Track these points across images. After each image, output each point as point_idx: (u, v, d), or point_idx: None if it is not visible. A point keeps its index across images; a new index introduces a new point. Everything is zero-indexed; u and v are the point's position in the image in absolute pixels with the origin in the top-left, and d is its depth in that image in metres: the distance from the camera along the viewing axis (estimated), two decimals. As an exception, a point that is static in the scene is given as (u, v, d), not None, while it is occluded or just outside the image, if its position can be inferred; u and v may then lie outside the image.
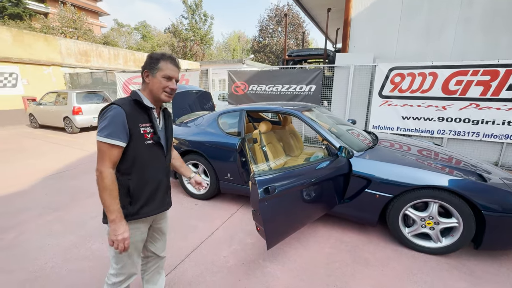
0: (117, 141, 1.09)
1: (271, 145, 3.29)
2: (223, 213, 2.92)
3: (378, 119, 5.35)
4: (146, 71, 1.18)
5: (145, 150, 1.19)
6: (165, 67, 1.17)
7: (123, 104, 1.13)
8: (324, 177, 2.13)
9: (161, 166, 1.29)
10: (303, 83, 5.89)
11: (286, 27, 7.44)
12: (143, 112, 1.19)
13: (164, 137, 1.31)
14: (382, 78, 5.13)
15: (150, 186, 1.24)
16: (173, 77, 1.20)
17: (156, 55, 1.18)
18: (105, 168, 1.08)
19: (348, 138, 2.66)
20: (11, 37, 8.90)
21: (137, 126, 1.15)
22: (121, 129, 1.09)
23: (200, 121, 3.29)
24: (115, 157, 1.10)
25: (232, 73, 6.73)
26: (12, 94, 9.01)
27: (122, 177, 1.16)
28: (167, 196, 1.38)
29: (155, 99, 1.22)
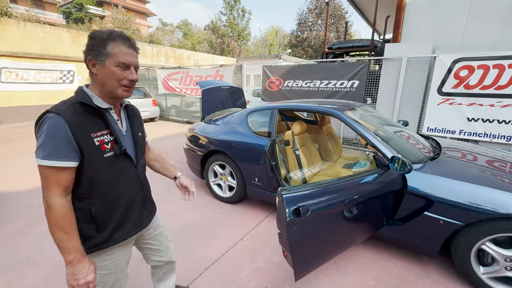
0: (62, 162, 0.82)
1: (305, 148, 2.92)
2: (249, 220, 2.67)
3: (435, 121, 4.55)
4: (91, 59, 0.88)
5: (105, 166, 0.93)
6: (117, 50, 0.88)
7: (63, 110, 0.85)
8: (371, 194, 1.73)
9: (131, 180, 1.04)
10: (345, 78, 5.31)
11: (328, 17, 6.83)
12: (94, 116, 0.91)
13: (131, 143, 1.05)
14: (443, 71, 4.31)
15: (119, 207, 1.00)
16: (130, 64, 0.91)
17: (100, 35, 0.87)
18: (53, 197, 0.83)
19: (402, 145, 2.18)
20: (70, 38, 9.88)
21: (89, 137, 0.88)
22: (65, 145, 0.83)
23: (229, 119, 3.07)
24: (64, 182, 0.85)
25: (267, 68, 6.42)
26: (70, 89, 10.03)
27: (81, 203, 0.92)
28: (145, 210, 1.14)
29: (110, 95, 0.94)
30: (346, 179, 1.64)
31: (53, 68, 9.43)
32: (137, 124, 1.12)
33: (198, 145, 3.17)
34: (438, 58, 4.31)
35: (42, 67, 9.13)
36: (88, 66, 0.90)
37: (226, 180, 2.99)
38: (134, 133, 1.08)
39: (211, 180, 3.13)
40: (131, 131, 1.07)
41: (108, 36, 0.87)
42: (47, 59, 9.21)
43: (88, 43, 0.88)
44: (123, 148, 0.97)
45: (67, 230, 0.84)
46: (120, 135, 0.99)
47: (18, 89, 8.73)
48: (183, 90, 8.52)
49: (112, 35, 0.88)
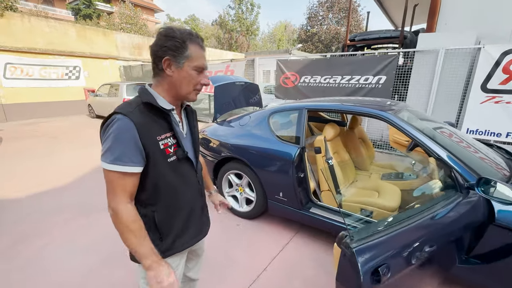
0: (129, 167, 0.78)
1: (338, 156, 2.46)
2: (272, 243, 2.24)
3: (476, 121, 4.00)
4: (169, 60, 0.82)
5: (169, 171, 0.88)
6: (197, 54, 0.84)
7: (130, 111, 0.79)
8: (449, 229, 1.26)
9: (193, 186, 0.99)
10: (370, 73, 4.77)
11: (351, 3, 6.21)
12: (159, 117, 0.85)
13: (191, 146, 1.00)
14: (490, 65, 3.75)
15: (182, 214, 0.96)
16: (205, 67, 0.89)
17: (181, 35, 0.81)
18: (120, 204, 0.79)
19: (473, 160, 1.68)
20: (75, 33, 9.59)
21: (154, 140, 0.82)
22: (133, 149, 0.78)
23: (247, 120, 2.63)
24: (130, 188, 0.81)
25: (281, 62, 5.93)
26: (76, 86, 9.78)
27: (145, 209, 0.88)
28: (204, 218, 1.11)
29: (179, 98, 0.90)
30: (419, 213, 1.18)
31: (59, 63, 9.17)
32: (194, 124, 1.05)
33: (210, 150, 2.75)
34: (483, 49, 3.75)
35: (47, 62, 8.87)
36: (160, 66, 0.83)
37: (243, 191, 2.57)
38: (194, 135, 1.02)
39: (225, 191, 2.71)
40: (191, 133, 1.01)
41: (189, 37, 0.82)
42: (52, 54, 8.94)
43: (166, 42, 0.81)
44: (185, 151, 0.91)
45: (138, 235, 0.80)
46: (182, 137, 0.93)
47: (23, 85, 8.50)
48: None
49: (192, 37, 0.83)
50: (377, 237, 0.93)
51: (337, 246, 0.95)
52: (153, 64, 0.85)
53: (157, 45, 0.82)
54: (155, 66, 0.84)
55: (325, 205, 2.18)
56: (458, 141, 1.86)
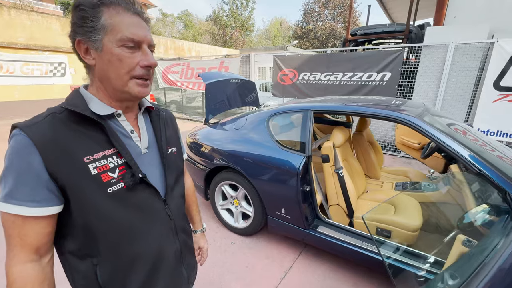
0: (28, 208, 0.50)
1: (346, 164, 2.15)
2: (273, 266, 1.92)
3: (488, 121, 3.74)
4: (80, 41, 0.55)
5: (111, 206, 0.57)
6: (121, 20, 0.54)
7: (34, 123, 0.53)
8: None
9: (160, 223, 0.67)
10: (373, 70, 4.47)
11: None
12: (91, 129, 0.57)
13: (157, 164, 0.69)
14: (504, 61, 3.48)
15: (141, 266, 0.63)
16: (141, 40, 0.57)
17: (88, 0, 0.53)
18: (13, 263, 0.51)
19: None
20: (59, 26, 9.06)
21: (78, 164, 0.54)
22: (33, 181, 0.50)
23: (242, 123, 2.29)
24: (34, 238, 0.52)
25: (279, 58, 5.59)
26: (61, 83, 9.28)
27: (82, 263, 0.58)
28: (184, 265, 0.76)
29: (119, 96, 0.60)
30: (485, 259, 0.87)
31: (42, 60, 8.66)
32: (168, 135, 0.75)
33: (201, 157, 2.41)
34: (497, 44, 3.47)
35: (30, 58, 8.36)
36: (79, 54, 0.57)
37: (239, 205, 2.24)
38: (162, 149, 0.71)
39: (218, 203, 2.38)
40: (157, 146, 0.71)
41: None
42: (34, 49, 8.42)
43: (73, 17, 0.55)
44: (138, 174, 0.61)
45: None
46: (136, 154, 0.64)
47: (3, 83, 7.99)
48: (184, 84, 7.72)
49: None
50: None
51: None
52: (74, 52, 0.58)
53: (70, 26, 0.56)
54: (78, 58, 0.58)
55: (335, 223, 1.87)
56: (494, 151, 1.56)
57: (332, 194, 1.93)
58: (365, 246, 1.68)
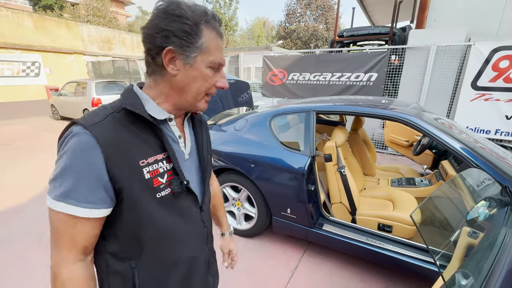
0: (83, 209, 0.50)
1: (347, 163, 2.21)
2: (279, 267, 1.94)
3: (467, 118, 4.00)
4: (173, 51, 0.53)
5: (158, 211, 0.57)
6: (215, 44, 0.56)
7: (96, 122, 0.51)
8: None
9: (197, 230, 0.67)
10: (361, 71, 4.63)
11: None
12: (145, 132, 0.56)
13: (197, 172, 0.69)
14: (480, 62, 3.74)
15: (178, 272, 0.64)
16: (224, 63, 0.60)
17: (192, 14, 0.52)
18: (62, 262, 0.51)
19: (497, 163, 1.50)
20: (32, 23, 8.48)
21: (134, 167, 0.53)
22: (93, 182, 0.50)
23: (242, 124, 2.28)
24: (83, 238, 0.52)
25: (268, 59, 5.61)
26: (35, 84, 8.70)
27: (121, 265, 0.58)
28: (211, 273, 0.76)
29: (182, 106, 0.61)
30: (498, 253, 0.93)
31: (13, 58, 8.06)
32: (203, 139, 0.73)
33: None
34: (473, 46, 3.73)
35: None
36: (159, 60, 0.54)
37: (242, 207, 2.23)
38: (202, 156, 0.70)
39: (219, 206, 2.35)
40: (198, 152, 0.70)
41: (203, 18, 0.54)
42: (4, 48, 7.82)
43: (168, 24, 0.52)
44: (184, 181, 0.61)
45: None
46: (181, 159, 0.63)
47: (-31, 84, 7.36)
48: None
49: (208, 18, 0.55)
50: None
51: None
52: (148, 56, 0.56)
53: (154, 27, 0.53)
54: (151, 59, 0.56)
55: (339, 221, 1.91)
56: (487, 147, 1.68)
57: (335, 192, 1.98)
58: (370, 241, 1.74)
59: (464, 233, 1.27)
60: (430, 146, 2.41)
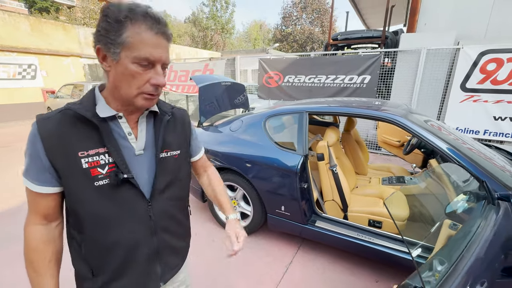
0: (34, 185, 0.63)
1: (339, 162, 2.29)
2: (274, 263, 2.00)
3: (457, 120, 4.13)
4: (100, 49, 0.60)
5: (94, 198, 0.65)
6: (141, 39, 0.58)
7: (47, 117, 0.63)
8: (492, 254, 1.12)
9: (136, 222, 0.71)
10: (354, 73, 4.74)
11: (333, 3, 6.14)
12: (90, 127, 0.64)
13: (149, 166, 0.72)
14: (468, 65, 3.87)
15: (114, 256, 0.70)
16: (157, 60, 0.61)
17: (116, 12, 0.56)
18: (28, 224, 0.67)
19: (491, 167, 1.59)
20: (29, 26, 8.49)
21: (73, 157, 0.62)
22: (38, 165, 0.62)
23: (238, 125, 2.35)
24: (42, 208, 0.66)
25: (264, 61, 5.71)
26: (32, 87, 8.68)
27: (75, 234, 0.69)
28: (161, 263, 0.79)
29: (125, 102, 0.66)
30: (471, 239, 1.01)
31: (10, 61, 8.05)
32: (169, 138, 0.78)
33: (197, 159, 2.43)
34: (462, 50, 3.85)
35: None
36: (98, 58, 0.62)
37: (238, 205, 2.29)
38: (157, 153, 0.73)
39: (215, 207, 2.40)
40: (156, 149, 0.74)
41: (127, 14, 0.56)
42: (1, 50, 7.81)
43: (99, 24, 0.58)
44: (122, 175, 0.65)
45: (37, 267, 0.66)
46: (129, 155, 0.69)
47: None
48: (167, 87, 7.59)
49: (133, 13, 0.57)
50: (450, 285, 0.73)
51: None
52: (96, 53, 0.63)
53: (96, 28, 0.60)
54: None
55: (331, 217, 1.99)
56: (469, 146, 1.77)
57: (327, 190, 2.05)
58: (361, 237, 1.82)
59: (445, 225, 1.35)
60: (419, 145, 2.50)
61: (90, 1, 19.44)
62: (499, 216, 1.20)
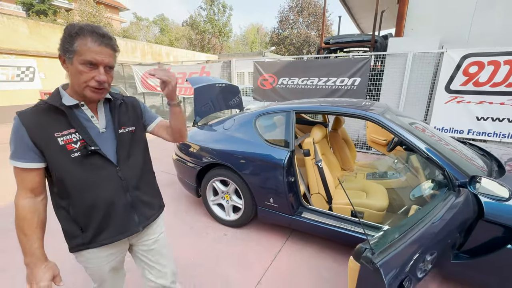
0: (21, 163, 0.83)
1: (325, 158, 2.44)
2: (263, 252, 2.13)
3: (442, 120, 4.31)
4: (60, 55, 0.84)
5: (74, 167, 0.88)
6: (86, 47, 0.81)
7: (26, 112, 0.84)
8: (447, 229, 1.27)
9: (110, 183, 0.94)
10: (345, 75, 4.92)
11: (325, 7, 6.36)
12: (60, 115, 0.87)
13: (112, 139, 0.96)
14: (452, 68, 4.06)
15: (97, 212, 0.93)
16: (99, 62, 0.83)
17: (70, 29, 0.81)
18: (17, 197, 0.86)
19: (457, 158, 1.75)
20: (27, 29, 8.60)
21: (51, 137, 0.84)
22: (24, 147, 0.83)
23: (231, 123, 2.50)
24: (30, 183, 0.86)
25: (259, 64, 5.88)
26: (30, 89, 8.76)
27: (63, 202, 0.91)
28: (137, 214, 1.03)
29: (80, 94, 0.88)
30: (425, 217, 1.15)
31: (8, 63, 8.13)
32: (124, 118, 1.01)
33: (191, 156, 2.57)
34: (446, 53, 4.05)
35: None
36: (60, 61, 0.86)
37: (230, 199, 2.43)
38: (115, 129, 0.97)
39: (210, 199, 2.54)
40: (113, 127, 0.97)
41: (77, 31, 0.80)
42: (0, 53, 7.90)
43: (61, 37, 0.83)
44: (90, 147, 0.88)
45: (26, 233, 0.85)
46: (95, 133, 0.92)
47: (-37, 89, 7.40)
48: (164, 89, 7.70)
49: (82, 30, 0.80)
50: (396, 247, 0.88)
51: (354, 260, 0.88)
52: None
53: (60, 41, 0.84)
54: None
55: (317, 209, 2.13)
56: (440, 140, 1.93)
57: (313, 184, 2.20)
58: (342, 226, 1.96)
59: (412, 210, 1.51)
60: (401, 143, 2.66)
61: (87, 4, 19.58)
62: (458, 200, 1.35)
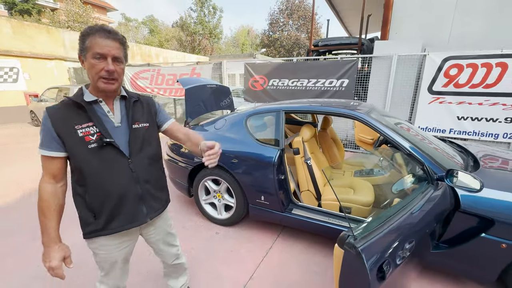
0: (46, 151, 0.93)
1: (314, 156, 2.51)
2: (255, 249, 2.18)
3: (425, 119, 4.50)
4: (79, 55, 0.96)
5: (91, 157, 0.96)
6: (95, 42, 0.90)
7: (53, 107, 0.95)
8: (426, 220, 1.36)
9: (122, 173, 1.02)
10: (334, 77, 5.05)
11: (314, 10, 6.51)
12: (81, 110, 0.96)
13: (126, 133, 1.03)
14: (434, 70, 4.26)
15: (109, 200, 1.01)
16: (106, 54, 0.91)
17: (83, 30, 0.92)
18: (41, 182, 0.96)
19: (436, 154, 1.86)
20: (11, 28, 8.34)
21: (72, 129, 0.94)
22: (49, 137, 0.92)
23: (222, 123, 2.54)
24: (52, 170, 0.95)
25: (250, 66, 5.94)
26: (14, 90, 8.50)
27: (81, 189, 1.00)
28: (145, 205, 1.11)
29: (97, 89, 0.97)
30: (404, 208, 1.24)
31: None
32: (138, 115, 1.09)
33: (183, 156, 2.59)
34: (428, 56, 4.24)
35: (-25, 63, 7.56)
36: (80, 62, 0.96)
37: (222, 198, 2.46)
38: (130, 124, 1.05)
39: (202, 198, 2.57)
40: (127, 121, 1.05)
41: (87, 31, 0.91)
42: (-19, 53, 7.64)
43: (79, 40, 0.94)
44: (105, 139, 0.96)
45: (45, 214, 0.94)
46: (110, 127, 1.00)
47: None
48: (155, 90, 7.65)
49: (91, 29, 0.91)
50: (376, 234, 0.94)
51: (338, 247, 0.94)
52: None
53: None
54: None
55: (306, 206, 2.20)
56: (422, 138, 2.04)
57: (303, 181, 2.27)
58: (331, 221, 2.03)
59: (395, 202, 1.59)
60: (386, 141, 2.77)
61: (74, 4, 19.13)
62: (436, 193, 1.44)
